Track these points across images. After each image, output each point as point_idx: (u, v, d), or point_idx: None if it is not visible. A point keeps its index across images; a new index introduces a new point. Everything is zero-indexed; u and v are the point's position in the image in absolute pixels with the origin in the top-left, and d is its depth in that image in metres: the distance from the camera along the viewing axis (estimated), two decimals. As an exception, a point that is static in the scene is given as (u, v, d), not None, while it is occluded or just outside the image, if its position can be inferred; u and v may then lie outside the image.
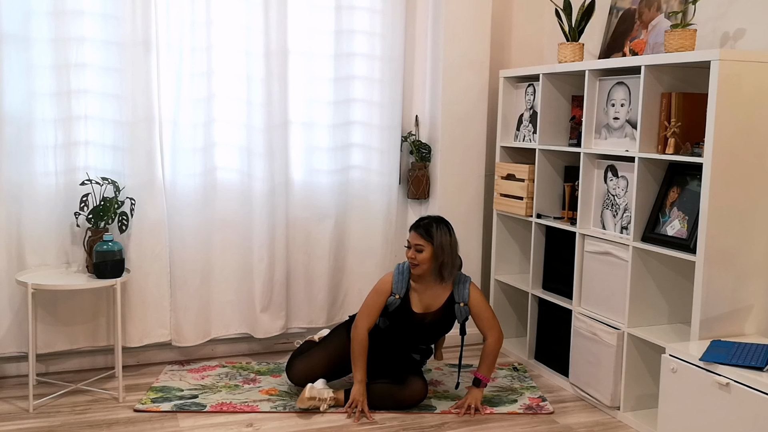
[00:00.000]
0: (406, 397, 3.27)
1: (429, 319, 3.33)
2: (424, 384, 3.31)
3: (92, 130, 3.57)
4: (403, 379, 3.30)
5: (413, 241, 3.27)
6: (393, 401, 3.27)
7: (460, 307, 3.31)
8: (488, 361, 3.33)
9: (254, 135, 3.80)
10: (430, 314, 3.32)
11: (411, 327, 3.33)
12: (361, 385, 3.22)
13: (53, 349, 3.60)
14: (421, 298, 3.32)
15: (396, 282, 3.30)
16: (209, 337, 3.90)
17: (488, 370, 3.33)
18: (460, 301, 3.31)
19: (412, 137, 4.18)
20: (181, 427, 3.11)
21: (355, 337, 3.25)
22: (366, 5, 3.96)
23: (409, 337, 3.39)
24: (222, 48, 3.72)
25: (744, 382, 2.47)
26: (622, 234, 3.26)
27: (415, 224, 3.32)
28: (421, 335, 3.39)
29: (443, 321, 3.36)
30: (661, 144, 3.06)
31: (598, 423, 3.25)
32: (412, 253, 3.26)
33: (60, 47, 3.43)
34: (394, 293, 3.29)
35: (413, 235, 3.28)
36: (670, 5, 3.42)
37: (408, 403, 3.28)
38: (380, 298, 3.29)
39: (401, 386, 3.28)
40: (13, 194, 3.46)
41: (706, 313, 2.85)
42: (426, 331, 3.38)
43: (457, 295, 3.32)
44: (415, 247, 3.26)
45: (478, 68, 4.13)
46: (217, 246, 3.83)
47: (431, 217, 3.38)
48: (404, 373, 3.33)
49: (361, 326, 3.26)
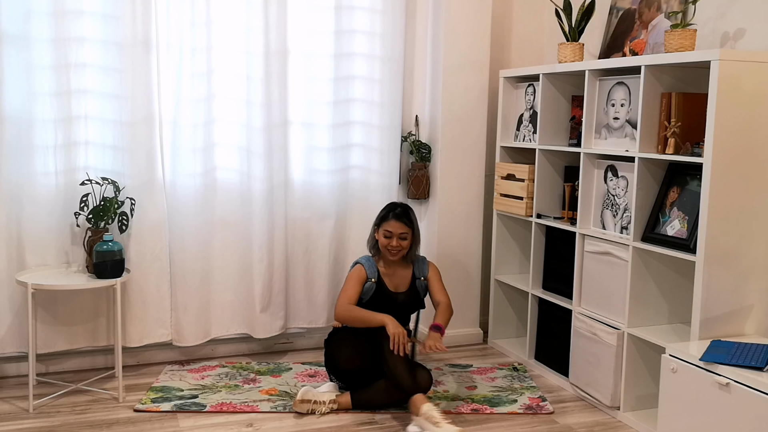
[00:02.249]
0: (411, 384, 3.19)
1: (401, 299, 3.51)
2: (428, 373, 3.32)
3: (92, 130, 3.57)
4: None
5: (397, 231, 3.43)
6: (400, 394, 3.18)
7: (421, 281, 3.55)
8: (443, 313, 3.44)
9: (254, 135, 3.80)
10: (402, 294, 3.52)
11: (389, 307, 3.42)
12: (389, 318, 3.24)
13: (53, 349, 3.60)
14: (391, 280, 3.51)
15: (368, 268, 3.47)
16: (209, 337, 3.90)
17: (442, 319, 3.41)
18: (420, 276, 3.55)
19: (412, 137, 4.18)
20: (181, 427, 3.11)
21: (344, 308, 3.36)
22: (366, 5, 3.96)
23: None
24: (222, 48, 3.72)
25: (744, 382, 2.47)
26: (622, 234, 3.26)
27: (392, 214, 3.45)
28: (398, 314, 3.42)
29: (414, 298, 3.55)
30: (661, 144, 3.06)
31: (598, 423, 3.25)
32: (396, 242, 3.42)
33: (60, 47, 3.43)
34: (369, 278, 3.45)
35: (396, 224, 3.43)
36: (670, 5, 3.42)
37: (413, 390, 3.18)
38: (358, 284, 3.43)
39: None
40: (13, 194, 3.46)
41: (706, 313, 2.85)
42: (401, 310, 3.50)
43: (418, 271, 3.56)
44: (399, 235, 3.42)
45: (478, 68, 4.13)
46: (217, 246, 3.83)
47: (397, 204, 3.55)
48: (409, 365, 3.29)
49: (344, 301, 3.38)
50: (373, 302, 3.44)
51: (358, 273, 3.46)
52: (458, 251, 4.21)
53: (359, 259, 3.54)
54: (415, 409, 3.08)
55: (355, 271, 3.48)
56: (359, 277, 3.45)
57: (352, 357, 3.36)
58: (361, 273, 3.46)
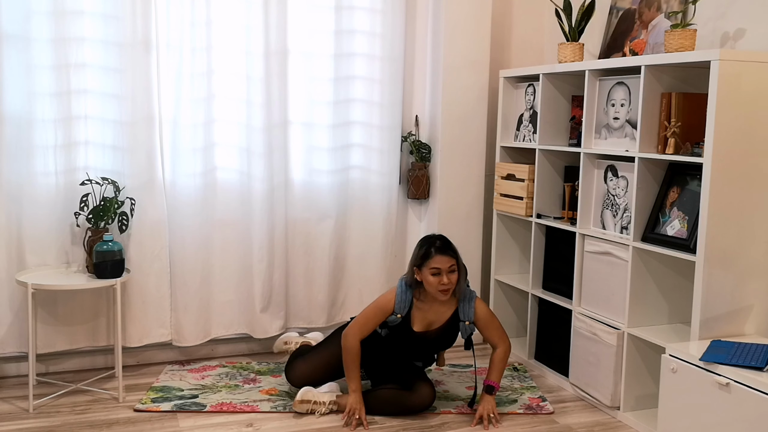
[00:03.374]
0: (414, 403, 3.20)
1: (431, 337, 3.24)
2: (432, 389, 3.24)
3: (92, 130, 3.57)
4: (410, 384, 3.23)
5: (445, 265, 3.05)
6: (401, 407, 3.21)
7: (465, 325, 3.21)
8: (498, 367, 3.22)
9: (254, 135, 3.80)
10: (432, 332, 3.23)
11: (410, 343, 3.25)
12: (356, 394, 3.13)
13: (53, 349, 3.60)
14: (425, 316, 3.20)
15: (399, 301, 3.15)
16: (209, 337, 3.90)
17: (498, 376, 3.22)
18: (465, 319, 3.20)
19: (412, 137, 4.18)
20: (181, 427, 3.11)
21: (347, 346, 3.15)
22: (366, 5, 3.96)
23: (407, 351, 3.31)
24: (222, 48, 3.72)
25: (744, 382, 2.47)
26: (622, 234, 3.26)
27: (434, 249, 3.08)
28: (421, 351, 3.32)
29: (445, 337, 3.27)
30: (661, 144, 3.06)
31: (598, 423, 3.25)
32: (447, 278, 3.05)
33: (60, 47, 3.43)
34: (396, 312, 3.16)
35: (444, 259, 3.06)
36: (670, 5, 3.42)
37: (416, 409, 3.22)
38: (380, 315, 3.17)
39: (409, 392, 3.21)
40: (13, 194, 3.46)
41: (706, 313, 2.85)
42: (426, 347, 3.31)
43: (462, 313, 3.20)
44: (449, 269, 3.06)
45: (478, 68, 4.13)
46: (217, 246, 3.83)
47: (434, 236, 3.19)
48: (412, 379, 3.26)
49: (352, 336, 3.15)
50: (391, 337, 3.23)
51: (384, 303, 3.16)
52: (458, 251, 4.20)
53: (401, 281, 3.19)
54: None
55: (383, 299, 3.18)
56: (385, 309, 3.16)
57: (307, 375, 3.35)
58: (388, 305, 3.15)
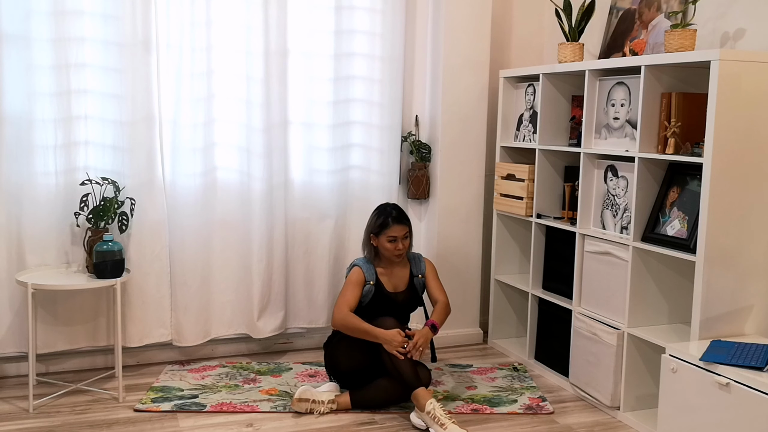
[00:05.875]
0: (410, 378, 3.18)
1: (401, 299, 3.50)
2: (427, 370, 3.38)
3: (92, 130, 3.57)
4: None
5: (401, 233, 3.42)
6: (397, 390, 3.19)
7: (418, 279, 3.55)
8: (441, 312, 3.44)
9: (254, 135, 3.80)
10: (401, 293, 3.51)
11: (389, 305, 3.44)
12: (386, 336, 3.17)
13: (53, 349, 3.60)
14: (389, 280, 3.50)
15: (366, 272, 3.44)
16: (209, 337, 3.90)
17: (439, 318, 3.41)
18: (418, 273, 3.55)
19: (412, 137, 4.18)
20: (181, 427, 3.11)
21: (343, 319, 3.30)
22: (366, 5, 3.96)
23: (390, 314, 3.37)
24: (222, 48, 3.72)
25: (744, 382, 2.47)
26: (622, 234, 3.26)
27: (391, 219, 3.41)
28: (398, 313, 3.45)
29: (413, 297, 3.54)
30: (661, 144, 3.06)
31: (598, 423, 3.25)
32: (401, 245, 3.42)
33: (60, 47, 3.43)
34: (367, 281, 3.42)
35: (399, 228, 3.42)
36: (670, 5, 3.42)
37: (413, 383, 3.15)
38: (357, 288, 3.40)
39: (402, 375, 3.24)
40: (13, 194, 3.46)
41: (706, 313, 2.85)
42: (401, 310, 3.51)
43: (415, 268, 3.56)
44: (404, 236, 3.43)
45: (478, 68, 4.13)
46: (217, 246, 3.83)
47: (388, 205, 3.53)
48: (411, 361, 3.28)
49: (340, 311, 3.32)
50: (372, 305, 3.42)
51: (356, 276, 3.42)
52: (458, 251, 4.21)
53: (356, 261, 3.52)
54: (419, 403, 3.09)
55: (354, 274, 3.44)
56: (358, 280, 3.41)
57: (352, 355, 3.35)
58: (360, 276, 3.42)
